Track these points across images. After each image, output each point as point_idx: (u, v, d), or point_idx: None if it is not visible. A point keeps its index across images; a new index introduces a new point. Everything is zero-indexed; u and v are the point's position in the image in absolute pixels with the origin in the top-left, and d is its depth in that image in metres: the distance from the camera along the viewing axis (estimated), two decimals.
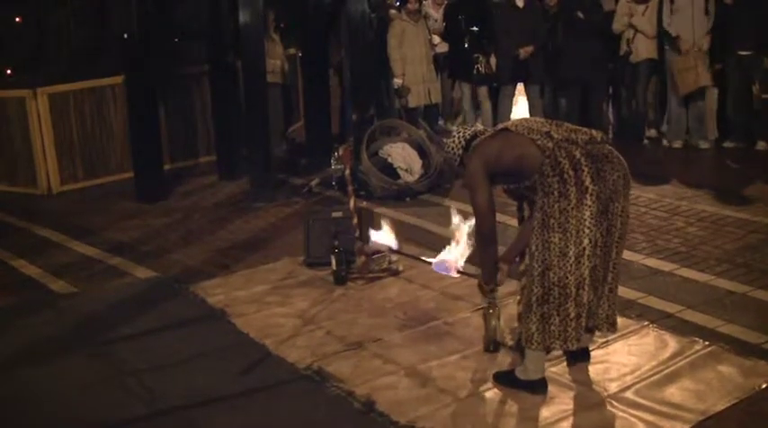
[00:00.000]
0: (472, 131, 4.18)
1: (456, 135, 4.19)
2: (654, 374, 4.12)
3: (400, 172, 7.83)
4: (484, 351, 4.43)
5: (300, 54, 9.83)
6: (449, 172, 7.71)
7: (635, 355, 4.32)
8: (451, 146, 4.16)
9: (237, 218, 7.34)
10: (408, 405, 3.94)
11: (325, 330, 4.83)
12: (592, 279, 3.84)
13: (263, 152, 8.02)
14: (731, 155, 8.52)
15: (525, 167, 3.83)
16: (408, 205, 7.45)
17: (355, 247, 5.59)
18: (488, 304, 4.35)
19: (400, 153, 7.93)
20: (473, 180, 3.99)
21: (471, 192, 4.02)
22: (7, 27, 9.66)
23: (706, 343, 4.39)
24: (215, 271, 5.99)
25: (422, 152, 8.03)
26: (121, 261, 6.36)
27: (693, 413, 3.76)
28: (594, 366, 4.21)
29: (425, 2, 9.82)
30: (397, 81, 9.02)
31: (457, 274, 4.85)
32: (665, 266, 5.59)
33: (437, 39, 9.66)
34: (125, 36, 7.80)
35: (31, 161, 8.51)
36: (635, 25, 8.73)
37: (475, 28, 9.16)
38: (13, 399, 4.27)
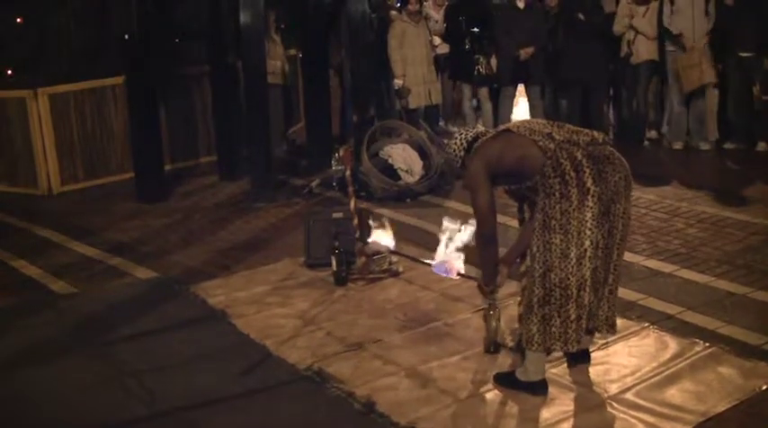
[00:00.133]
0: (474, 133, 4.18)
1: (458, 137, 4.18)
2: (654, 375, 4.12)
3: (401, 173, 7.82)
4: (484, 352, 4.43)
5: (301, 55, 9.82)
6: (449, 173, 7.71)
7: (635, 357, 4.32)
8: (453, 147, 4.16)
9: (238, 219, 7.33)
10: (409, 406, 3.94)
11: (325, 331, 4.83)
12: (593, 280, 3.84)
13: (264, 153, 8.02)
14: (732, 156, 8.52)
15: (527, 168, 3.83)
16: (409, 206, 7.45)
17: (356, 248, 5.59)
18: (489, 305, 4.35)
19: (401, 154, 7.93)
20: (474, 181, 3.99)
21: (472, 193, 4.02)
22: (8, 27, 9.64)
23: (706, 345, 4.39)
24: (215, 271, 5.99)
25: (422, 153, 8.02)
26: (122, 261, 6.36)
27: (694, 414, 3.77)
28: (595, 367, 4.21)
29: (426, 3, 9.82)
30: (398, 82, 9.02)
31: (457, 276, 4.85)
32: (666, 267, 5.59)
33: (438, 40, 9.66)
34: (125, 36, 7.79)
35: (32, 161, 8.51)
36: (635, 27, 8.73)
37: (475, 29, 9.17)
38: (14, 400, 4.27)
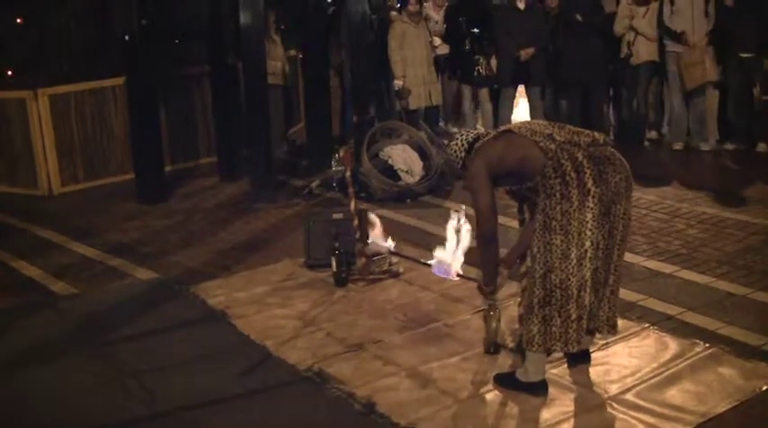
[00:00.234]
0: (475, 134, 4.17)
1: (459, 138, 4.18)
2: (654, 376, 4.11)
3: (401, 173, 7.82)
4: (484, 353, 4.42)
5: (301, 55, 9.83)
6: (449, 174, 7.71)
7: (635, 357, 4.32)
8: (454, 148, 4.15)
9: (238, 220, 7.33)
10: (409, 406, 3.93)
11: (325, 331, 4.83)
12: (593, 281, 3.84)
13: (264, 153, 8.03)
14: (732, 156, 8.52)
15: (527, 169, 3.83)
16: (409, 207, 7.45)
17: (356, 249, 5.59)
18: (489, 306, 4.35)
19: (401, 154, 7.93)
20: (475, 182, 3.99)
21: (473, 194, 4.01)
22: (8, 28, 9.65)
23: (706, 345, 4.39)
24: (215, 272, 5.99)
25: (422, 154, 8.03)
26: (122, 262, 6.36)
27: (694, 415, 3.76)
28: (595, 368, 4.21)
29: (426, 3, 9.82)
30: (398, 83, 9.03)
31: (457, 277, 4.85)
32: (666, 268, 5.59)
33: (438, 40, 9.66)
34: (126, 37, 7.79)
35: (32, 162, 8.51)
36: (635, 28, 8.73)
37: (476, 30, 9.17)
38: (14, 400, 4.27)
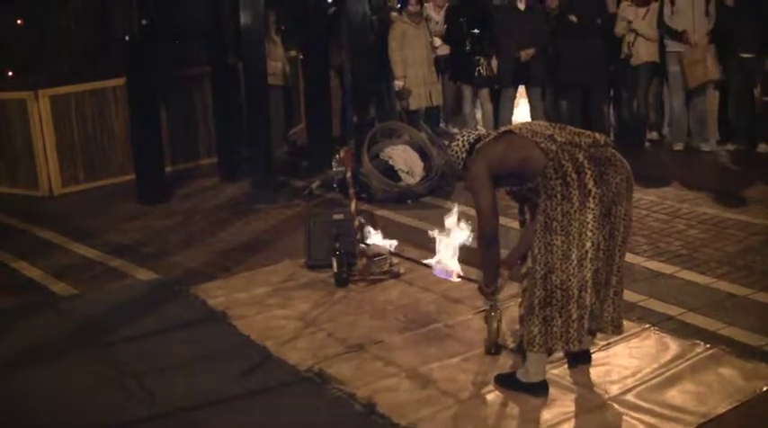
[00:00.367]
0: (476, 135, 4.17)
1: (460, 138, 4.17)
2: (655, 377, 4.11)
3: (401, 174, 7.82)
4: (485, 353, 4.42)
5: (301, 56, 9.83)
6: (450, 174, 7.71)
7: (636, 358, 4.31)
8: (455, 149, 4.14)
9: (238, 220, 7.34)
10: (409, 407, 3.93)
11: (326, 332, 4.83)
12: (594, 282, 3.84)
13: (264, 154, 8.03)
14: (732, 157, 8.52)
15: (528, 170, 3.83)
16: (409, 207, 7.45)
17: (356, 249, 5.59)
18: (490, 306, 4.34)
19: (401, 155, 7.93)
20: (476, 182, 3.98)
21: (474, 195, 4.01)
22: (8, 28, 9.66)
23: (707, 346, 4.38)
24: (216, 273, 5.99)
25: (423, 154, 8.03)
26: (122, 263, 6.36)
27: (694, 415, 3.76)
28: (596, 368, 4.21)
29: (426, 4, 9.82)
30: (398, 83, 9.02)
31: (457, 278, 4.85)
32: (667, 269, 5.58)
33: (438, 41, 9.66)
34: (126, 37, 7.80)
35: (33, 163, 8.52)
36: (635, 29, 8.72)
37: (476, 30, 9.17)
38: (14, 400, 4.27)
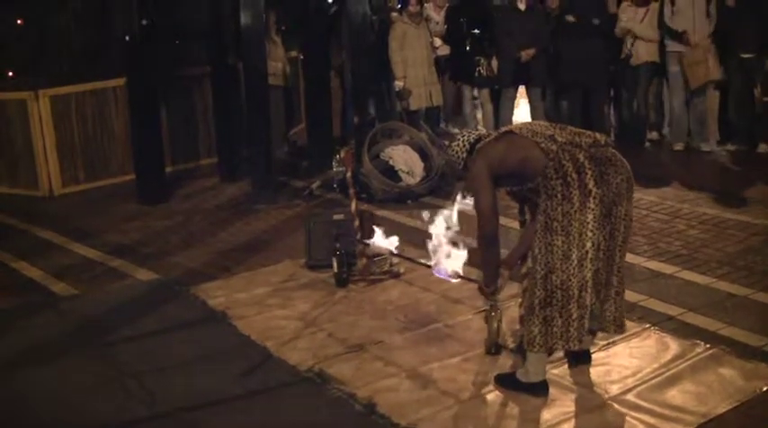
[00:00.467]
0: (476, 135, 4.17)
1: (460, 138, 4.17)
2: (655, 377, 4.11)
3: (402, 174, 7.82)
4: (485, 353, 4.42)
5: (302, 56, 9.83)
6: (450, 174, 7.70)
7: (636, 358, 4.31)
8: (456, 149, 4.14)
9: (238, 221, 7.34)
10: (409, 407, 3.93)
11: (326, 332, 4.83)
12: (594, 282, 3.84)
13: (265, 154, 8.02)
14: (733, 157, 8.52)
15: (529, 170, 3.83)
16: (410, 207, 7.44)
17: (356, 250, 5.59)
18: (490, 306, 4.34)
19: (402, 155, 7.93)
20: (477, 182, 3.98)
21: (475, 195, 4.01)
22: (8, 28, 9.66)
23: (707, 346, 4.38)
24: (216, 273, 5.99)
25: (423, 154, 8.03)
26: (122, 263, 6.36)
27: (694, 415, 3.76)
28: (596, 368, 4.21)
29: (427, 4, 9.82)
30: (399, 83, 9.02)
31: (457, 279, 4.84)
32: (667, 269, 5.58)
33: (438, 41, 9.66)
34: (126, 38, 7.81)
35: (33, 163, 8.52)
36: (634, 32, 8.71)
37: (476, 30, 9.17)
38: (14, 400, 4.27)
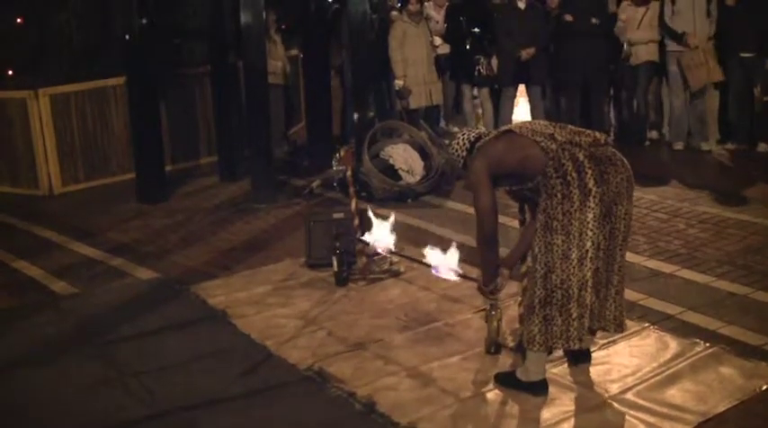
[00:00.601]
0: (476, 134, 4.17)
1: (460, 137, 4.18)
2: (655, 375, 4.12)
3: (402, 173, 7.82)
4: (485, 352, 4.43)
5: (302, 55, 9.83)
6: (450, 173, 7.71)
7: (636, 357, 4.32)
8: (456, 148, 4.15)
9: (238, 220, 7.34)
10: (409, 406, 3.94)
11: (326, 331, 4.83)
12: (594, 281, 3.84)
13: (265, 153, 8.02)
14: (732, 156, 8.52)
15: (528, 169, 3.83)
16: (410, 206, 7.44)
17: (356, 248, 5.59)
18: (490, 306, 4.34)
19: (402, 154, 7.93)
20: (476, 181, 3.98)
21: (474, 194, 4.01)
22: (8, 27, 9.65)
23: (707, 345, 4.39)
24: (216, 272, 5.99)
25: (423, 153, 8.03)
26: (122, 262, 6.36)
27: (694, 414, 3.77)
28: (595, 367, 4.21)
29: (427, 3, 9.82)
30: (399, 82, 9.02)
31: (457, 278, 4.84)
32: (667, 268, 5.59)
33: (438, 40, 9.64)
34: (126, 36, 7.80)
35: (33, 162, 8.51)
36: (631, 39, 8.73)
37: (476, 29, 9.17)
38: (14, 400, 4.27)
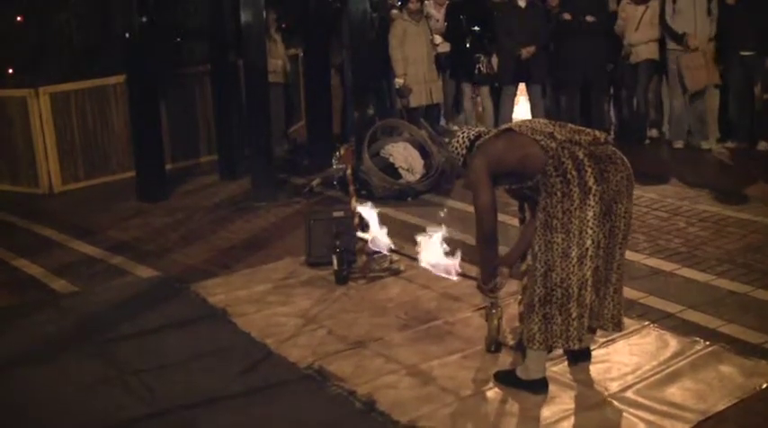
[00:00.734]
0: (476, 132, 4.17)
1: (460, 135, 4.17)
2: (655, 374, 4.12)
3: (402, 172, 7.82)
4: (485, 350, 4.43)
5: (302, 54, 9.83)
6: (450, 172, 7.71)
7: (636, 355, 4.32)
8: (455, 146, 4.14)
9: (238, 218, 7.33)
10: (409, 404, 3.94)
11: (326, 329, 4.83)
12: (594, 279, 3.84)
13: (265, 152, 8.02)
14: (732, 155, 8.52)
15: (528, 168, 3.83)
16: (410, 205, 7.44)
17: (356, 247, 5.59)
18: (491, 304, 4.35)
19: (402, 153, 7.93)
20: (476, 180, 3.98)
21: (474, 192, 4.01)
22: (8, 26, 9.65)
23: (707, 343, 4.39)
24: (216, 270, 5.99)
25: (423, 152, 8.02)
26: (123, 260, 6.36)
27: (694, 412, 3.77)
28: (595, 366, 4.21)
29: (427, 2, 9.81)
30: (399, 81, 9.01)
31: (456, 276, 4.84)
32: (667, 266, 5.59)
33: (439, 39, 9.63)
34: (126, 35, 7.80)
35: (33, 160, 8.51)
36: (630, 43, 8.73)
37: (477, 28, 9.17)
38: (14, 399, 4.27)
